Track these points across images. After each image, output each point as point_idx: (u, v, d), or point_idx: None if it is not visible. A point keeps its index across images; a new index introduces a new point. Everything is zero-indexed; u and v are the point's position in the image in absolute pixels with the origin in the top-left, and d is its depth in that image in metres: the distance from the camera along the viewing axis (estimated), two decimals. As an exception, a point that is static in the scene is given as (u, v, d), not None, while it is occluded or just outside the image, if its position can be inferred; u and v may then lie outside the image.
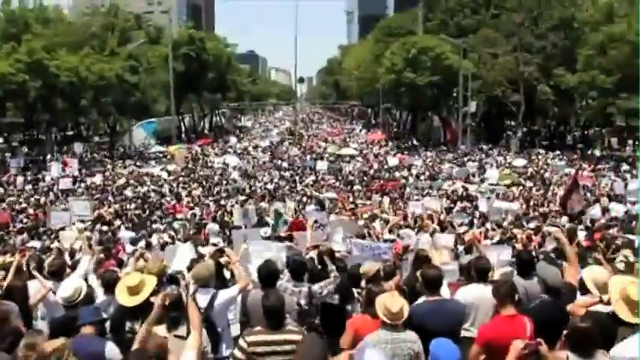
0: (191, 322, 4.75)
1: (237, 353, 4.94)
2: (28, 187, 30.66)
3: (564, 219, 16.64)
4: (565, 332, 4.77)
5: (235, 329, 6.46)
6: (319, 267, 6.90)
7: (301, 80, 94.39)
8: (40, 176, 33.92)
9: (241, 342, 4.97)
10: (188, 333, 4.82)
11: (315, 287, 6.29)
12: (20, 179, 32.12)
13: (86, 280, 6.99)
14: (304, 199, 25.38)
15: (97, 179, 32.66)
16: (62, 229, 16.34)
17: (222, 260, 7.18)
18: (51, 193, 27.76)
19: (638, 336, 4.35)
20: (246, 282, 6.34)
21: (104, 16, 61.95)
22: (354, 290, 6.73)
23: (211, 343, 5.73)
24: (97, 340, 5.06)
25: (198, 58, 61.72)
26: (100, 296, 6.54)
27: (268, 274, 5.99)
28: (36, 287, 6.79)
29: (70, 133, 60.03)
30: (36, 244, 14.40)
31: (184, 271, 7.27)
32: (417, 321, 5.33)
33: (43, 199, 26.07)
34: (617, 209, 18.54)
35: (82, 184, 30.89)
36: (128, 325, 5.62)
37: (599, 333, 4.83)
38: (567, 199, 11.87)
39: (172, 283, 5.95)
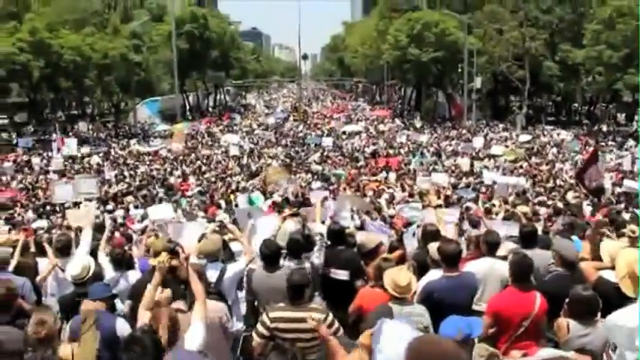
0: (195, 293, 4.75)
1: (261, 329, 4.96)
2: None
3: (570, 195, 16.62)
4: (567, 300, 4.80)
5: (243, 308, 6.51)
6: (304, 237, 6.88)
7: (305, 57, 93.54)
8: (31, 158, 33.31)
9: (264, 317, 4.99)
10: (191, 306, 4.83)
11: (315, 260, 6.36)
12: (7, 164, 31.14)
13: (95, 257, 7.01)
14: (309, 175, 25.38)
15: (95, 160, 32.29)
16: (69, 207, 16.40)
17: (226, 237, 7.26)
18: (48, 175, 27.46)
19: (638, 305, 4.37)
20: (252, 255, 6.39)
21: (106, -7, 61.50)
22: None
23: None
24: (107, 315, 5.08)
25: (202, 36, 61.55)
26: (110, 273, 6.58)
27: (270, 254, 6.01)
28: (45, 265, 6.85)
29: (75, 112, 59.99)
30: (43, 222, 14.45)
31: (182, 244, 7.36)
32: (438, 296, 5.37)
33: (42, 179, 25.97)
34: (630, 185, 18.41)
35: (75, 165, 30.48)
36: None
37: (604, 302, 4.87)
38: (584, 172, 11.71)
39: (172, 254, 5.97)
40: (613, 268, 5.25)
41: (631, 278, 4.79)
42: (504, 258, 6.12)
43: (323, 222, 7.37)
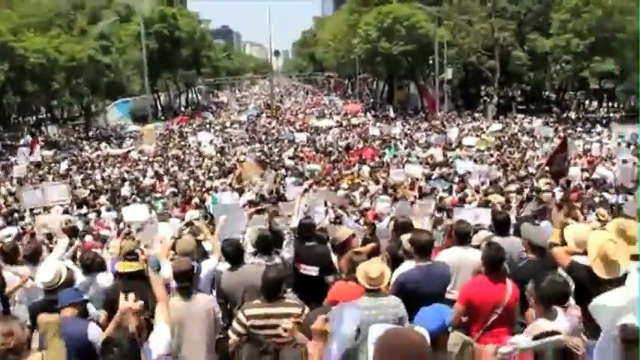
0: (156, 294, 4.70)
1: (237, 326, 4.95)
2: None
3: (542, 181, 16.81)
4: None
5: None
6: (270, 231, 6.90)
7: (277, 53, 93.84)
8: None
9: (240, 315, 4.98)
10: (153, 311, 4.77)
11: (285, 255, 6.40)
12: None
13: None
14: (283, 171, 25.27)
15: (64, 166, 31.37)
16: (40, 213, 16.08)
17: (200, 237, 7.25)
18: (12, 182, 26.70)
19: (622, 288, 4.41)
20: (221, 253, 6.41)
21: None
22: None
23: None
24: (78, 321, 4.98)
25: (172, 35, 60.98)
26: (80, 277, 6.47)
27: (232, 251, 6.07)
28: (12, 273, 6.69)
29: (43, 116, 59.02)
30: (13, 230, 14.13)
31: (142, 246, 7.35)
32: (411, 286, 5.38)
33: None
34: (601, 173, 18.70)
35: (40, 171, 29.45)
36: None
37: (578, 285, 4.90)
38: (553, 159, 12.01)
39: (131, 256, 5.95)
40: (585, 253, 5.28)
41: (602, 260, 4.82)
42: (478, 247, 6.15)
43: (260, 211, 7.43)
